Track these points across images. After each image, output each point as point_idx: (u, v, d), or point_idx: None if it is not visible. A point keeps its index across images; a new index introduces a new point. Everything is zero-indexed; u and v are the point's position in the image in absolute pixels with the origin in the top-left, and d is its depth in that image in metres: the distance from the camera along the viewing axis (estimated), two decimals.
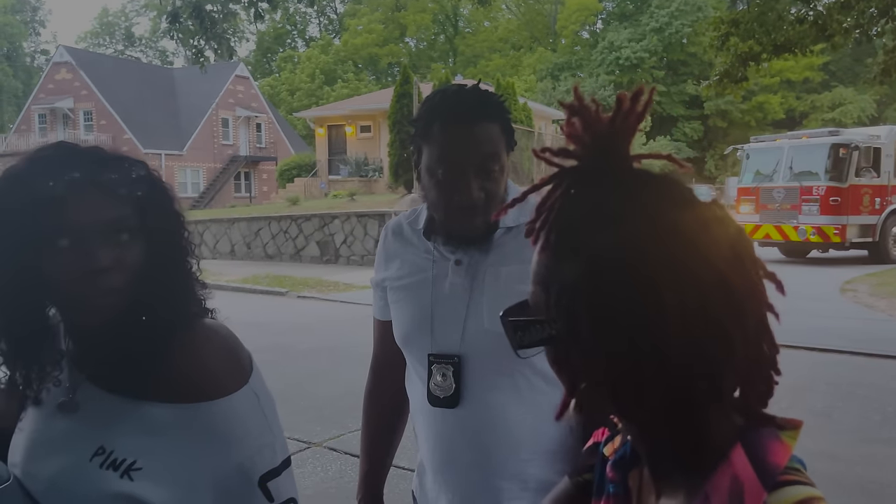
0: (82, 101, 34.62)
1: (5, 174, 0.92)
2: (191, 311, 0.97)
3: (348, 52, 50.47)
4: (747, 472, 0.58)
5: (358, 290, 11.25)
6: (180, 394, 0.92)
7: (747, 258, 0.60)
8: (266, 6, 7.65)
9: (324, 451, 4.36)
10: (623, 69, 42.27)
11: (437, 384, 1.38)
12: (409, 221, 1.50)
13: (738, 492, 0.57)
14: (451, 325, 1.37)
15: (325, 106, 32.25)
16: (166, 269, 0.95)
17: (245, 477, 0.94)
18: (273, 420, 0.99)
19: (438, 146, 1.31)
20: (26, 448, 0.96)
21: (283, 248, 16.37)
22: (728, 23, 9.01)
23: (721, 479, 0.59)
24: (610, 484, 0.73)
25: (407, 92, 17.22)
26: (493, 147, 1.31)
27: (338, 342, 7.72)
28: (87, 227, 0.88)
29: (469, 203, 1.30)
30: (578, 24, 47.65)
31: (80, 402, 0.95)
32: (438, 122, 1.31)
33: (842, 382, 6.02)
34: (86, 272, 0.88)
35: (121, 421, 0.92)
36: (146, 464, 0.90)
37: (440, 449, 1.40)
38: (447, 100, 1.34)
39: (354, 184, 21.16)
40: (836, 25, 8.26)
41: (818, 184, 14.17)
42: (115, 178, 0.91)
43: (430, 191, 1.34)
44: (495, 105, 1.34)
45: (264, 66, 57.25)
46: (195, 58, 8.23)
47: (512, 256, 1.37)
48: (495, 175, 1.32)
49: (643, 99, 0.61)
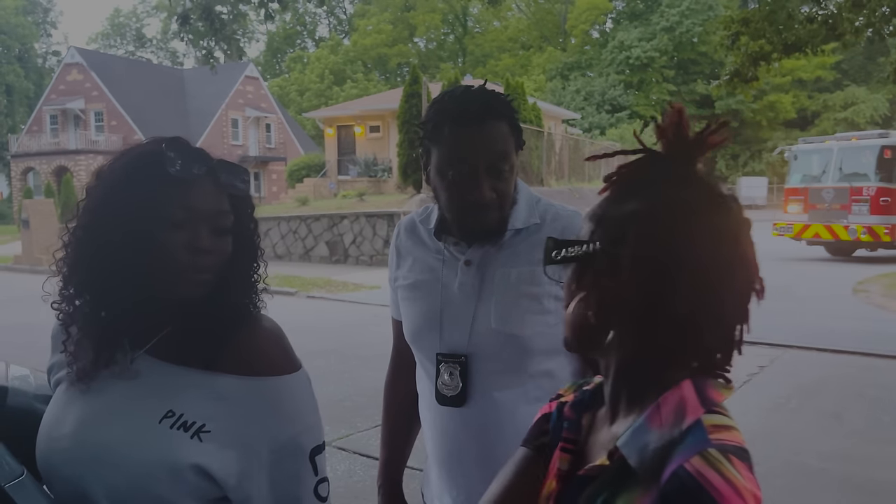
0: (93, 102, 34.85)
1: (143, 152, 1.04)
2: (256, 304, 1.10)
3: (358, 53, 50.57)
4: (691, 396, 0.75)
5: (367, 290, 11.27)
6: (246, 368, 1.02)
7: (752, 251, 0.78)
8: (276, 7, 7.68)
9: (332, 451, 4.37)
10: (633, 69, 42.16)
11: (445, 383, 1.39)
12: (421, 220, 1.51)
13: (681, 406, 0.74)
14: (460, 324, 1.39)
15: (334, 106, 32.30)
16: (244, 264, 1.09)
17: (299, 449, 1.03)
18: (317, 404, 1.10)
19: (448, 148, 1.32)
20: (80, 418, 1.01)
21: (292, 248, 16.43)
22: (738, 22, 8.96)
23: (671, 397, 0.75)
24: (565, 421, 0.88)
25: (416, 92, 17.23)
26: (503, 146, 1.33)
27: (347, 342, 7.73)
28: (200, 210, 1.01)
29: (482, 203, 1.32)
30: (588, 24, 47.51)
31: (140, 372, 1.02)
32: (447, 123, 1.32)
33: (852, 383, 5.98)
34: (192, 248, 0.99)
35: (189, 388, 1.00)
36: (214, 427, 0.98)
37: (446, 446, 1.42)
38: (455, 101, 1.35)
39: (364, 184, 21.17)
40: (847, 24, 8.20)
41: (868, 184, 14.46)
42: (226, 177, 1.04)
43: (442, 192, 1.36)
44: (502, 104, 1.35)
45: (274, 67, 57.46)
46: (205, 58, 8.27)
47: (522, 258, 1.38)
48: (506, 175, 1.33)
49: (722, 133, 0.78)
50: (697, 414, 0.73)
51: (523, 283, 1.37)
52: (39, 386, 1.15)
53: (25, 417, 1.06)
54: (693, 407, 0.74)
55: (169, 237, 0.99)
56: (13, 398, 1.10)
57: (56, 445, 1.00)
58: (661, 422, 0.73)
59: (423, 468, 1.61)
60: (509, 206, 1.38)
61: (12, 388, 1.11)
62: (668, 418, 0.73)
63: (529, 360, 1.38)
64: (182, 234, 0.99)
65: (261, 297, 1.12)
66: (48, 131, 35.59)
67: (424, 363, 1.46)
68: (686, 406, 0.74)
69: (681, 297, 0.73)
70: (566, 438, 0.87)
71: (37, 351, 1.54)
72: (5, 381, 1.12)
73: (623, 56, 42.20)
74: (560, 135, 23.70)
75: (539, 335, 1.36)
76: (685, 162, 0.78)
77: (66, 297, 1.04)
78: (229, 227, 1.05)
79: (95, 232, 1.01)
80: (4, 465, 0.95)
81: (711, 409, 0.74)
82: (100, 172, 1.05)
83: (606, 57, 43.38)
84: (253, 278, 1.10)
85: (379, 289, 11.50)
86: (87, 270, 1.01)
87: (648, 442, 0.72)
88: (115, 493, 0.96)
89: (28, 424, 1.04)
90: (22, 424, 1.05)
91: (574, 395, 0.93)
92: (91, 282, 1.01)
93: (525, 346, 1.37)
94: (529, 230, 1.41)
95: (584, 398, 0.89)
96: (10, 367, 1.16)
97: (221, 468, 0.97)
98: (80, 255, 1.02)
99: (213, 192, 1.02)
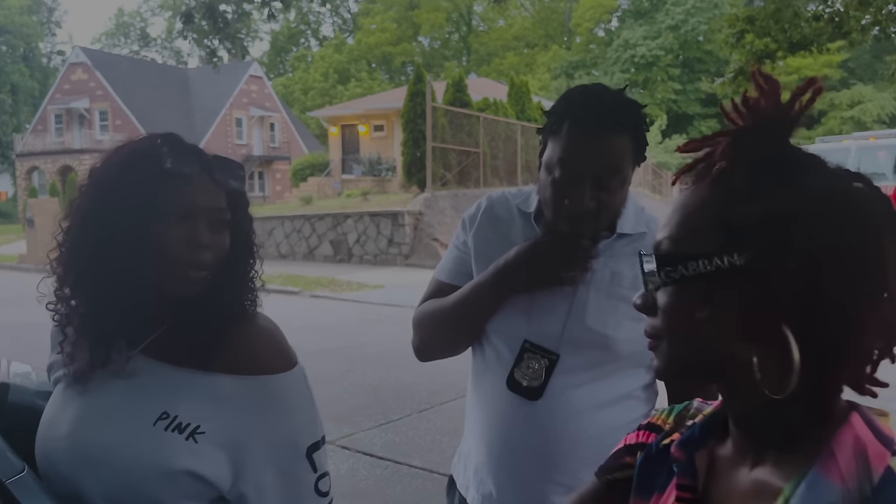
0: (98, 102, 34.93)
1: (136, 148, 1.03)
2: (252, 301, 1.09)
3: (362, 52, 50.58)
4: (868, 436, 0.61)
5: (371, 290, 11.27)
6: (240, 368, 1.01)
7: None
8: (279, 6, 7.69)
9: (335, 450, 4.37)
10: (638, 67, 42.08)
11: (525, 372, 1.34)
12: (518, 202, 1.45)
13: (862, 450, 0.61)
14: (552, 316, 1.34)
15: (338, 105, 32.32)
16: (240, 261, 1.08)
17: (295, 447, 1.02)
18: (314, 399, 1.09)
19: (562, 146, 1.27)
20: (76, 419, 1.00)
21: (296, 248, 16.44)
22: (743, 20, 8.94)
23: (845, 438, 0.61)
24: (674, 464, 0.73)
25: (420, 91, 17.21)
26: (617, 160, 1.27)
27: (350, 341, 7.74)
28: (197, 206, 1.00)
29: (579, 211, 1.27)
30: (593, 22, 47.45)
31: (136, 372, 1.01)
32: (568, 119, 1.27)
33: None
34: (189, 245, 0.99)
35: (183, 389, 1.00)
36: (209, 428, 0.98)
37: (503, 432, 1.36)
38: (585, 100, 1.30)
39: (367, 183, 21.18)
40: (853, 22, 8.17)
41: (886, 184, 14.56)
42: (223, 173, 1.04)
43: (545, 188, 1.31)
44: (631, 115, 1.29)
45: (278, 66, 57.53)
46: (209, 57, 8.28)
47: (624, 261, 1.34)
48: (613, 187, 1.28)
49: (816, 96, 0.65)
50: (885, 460, 0.60)
51: (624, 287, 1.33)
52: (41, 383, 1.15)
53: (27, 414, 1.06)
54: (876, 451, 0.61)
55: (167, 233, 0.98)
56: (14, 395, 1.10)
57: (53, 445, 1.00)
58: (843, 474, 0.59)
59: (428, 468, 1.58)
60: (608, 217, 1.33)
61: (13, 384, 1.12)
62: (849, 468, 0.60)
63: (611, 364, 1.34)
64: (180, 229, 0.99)
65: (257, 295, 1.10)
66: (53, 131, 35.69)
67: (499, 345, 1.38)
68: (867, 450, 0.61)
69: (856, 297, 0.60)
70: (682, 486, 0.71)
71: (41, 350, 1.54)
72: (7, 377, 1.12)
73: (628, 54, 42.12)
74: None
75: (629, 341, 1.31)
76: (784, 137, 0.65)
77: (62, 298, 1.04)
78: (227, 222, 1.04)
79: (90, 230, 1.00)
80: (6, 461, 0.95)
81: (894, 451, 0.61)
82: (93, 171, 1.04)
83: (611, 55, 43.31)
84: (249, 276, 1.10)
85: (383, 288, 11.51)
86: (83, 270, 1.00)
87: (834, 501, 0.59)
88: (111, 493, 0.96)
89: (29, 421, 1.04)
90: (23, 421, 1.05)
91: (675, 427, 0.78)
92: (86, 281, 1.01)
93: (614, 349, 1.32)
94: (634, 237, 1.37)
95: (694, 434, 0.74)
96: (11, 364, 1.16)
97: (216, 471, 0.97)
98: (75, 254, 1.01)
99: (210, 188, 1.02)
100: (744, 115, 0.65)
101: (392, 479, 4.07)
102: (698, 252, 0.64)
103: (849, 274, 0.60)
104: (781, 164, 0.64)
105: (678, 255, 0.65)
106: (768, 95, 0.65)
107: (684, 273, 0.64)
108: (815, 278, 0.60)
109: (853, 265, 0.60)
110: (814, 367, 0.62)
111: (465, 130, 17.39)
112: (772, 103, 0.64)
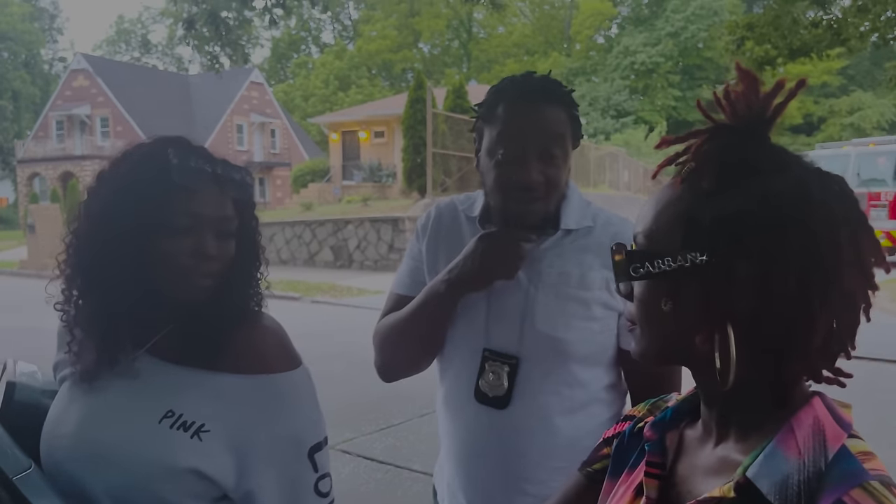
0: (99, 108, 34.99)
1: (146, 155, 1.03)
2: (257, 302, 1.11)
3: (362, 58, 50.66)
4: (828, 418, 0.65)
5: (371, 295, 11.26)
6: (245, 367, 1.02)
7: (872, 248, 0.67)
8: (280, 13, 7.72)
9: (336, 454, 4.37)
10: (638, 74, 42.14)
11: (489, 382, 1.32)
12: (464, 207, 1.44)
13: (820, 430, 0.64)
14: (508, 322, 1.32)
15: (339, 111, 32.37)
16: (246, 263, 1.09)
17: (297, 446, 1.03)
18: (317, 400, 1.10)
19: (500, 127, 1.28)
20: (81, 417, 1.01)
21: (296, 253, 16.44)
22: (743, 27, 8.97)
23: (805, 417, 0.65)
24: (646, 443, 0.77)
25: (420, 97, 17.26)
26: (556, 129, 1.28)
27: (351, 347, 7.73)
28: (205, 217, 1.01)
29: (528, 184, 1.26)
30: (593, 29, 47.55)
31: (141, 371, 1.02)
32: (503, 102, 1.29)
33: (860, 388, 5.95)
34: (196, 256, 1.00)
35: (189, 388, 1.01)
36: (213, 426, 0.99)
37: (470, 445, 1.36)
38: (513, 83, 1.32)
39: (368, 189, 21.20)
40: (851, 30, 8.20)
41: (886, 190, 14.52)
42: (229, 180, 1.04)
43: (489, 173, 1.30)
44: (562, 92, 1.32)
45: (279, 72, 57.62)
46: (210, 64, 8.31)
47: (571, 260, 1.32)
48: (557, 161, 1.28)
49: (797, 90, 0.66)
50: (840, 439, 0.64)
51: (572, 286, 1.31)
52: (46, 382, 1.16)
53: (33, 412, 1.07)
54: (834, 431, 0.64)
55: (174, 243, 0.99)
56: (21, 393, 1.11)
57: (58, 443, 1.01)
58: (800, 449, 0.63)
59: (429, 472, 1.57)
60: (556, 198, 1.32)
61: (20, 383, 1.13)
62: (806, 444, 0.63)
63: (568, 366, 1.31)
64: (187, 240, 1.00)
65: (262, 296, 1.12)
66: (54, 137, 35.73)
67: (460, 358, 1.37)
68: (825, 430, 0.64)
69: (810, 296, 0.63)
70: (651, 462, 0.75)
71: (42, 355, 1.55)
72: (13, 376, 1.13)
73: (628, 61, 42.20)
74: None
75: (583, 342, 1.30)
76: (763, 135, 0.67)
77: (69, 299, 1.05)
78: (233, 230, 1.05)
79: (98, 236, 1.01)
80: (13, 458, 0.96)
81: (851, 433, 0.65)
82: (102, 175, 1.05)
83: (611, 62, 43.39)
84: (255, 278, 1.11)
85: (383, 293, 11.47)
86: (90, 273, 1.02)
87: (788, 473, 0.62)
88: (115, 491, 0.96)
89: (35, 419, 1.05)
90: (30, 419, 1.06)
91: (648, 413, 0.83)
92: (94, 284, 1.02)
93: (566, 351, 1.30)
94: (580, 232, 1.35)
95: (666, 416, 0.78)
96: (17, 364, 1.18)
97: (220, 469, 0.98)
98: (83, 257, 1.02)
99: (217, 197, 1.03)
100: (724, 111, 0.68)
101: (393, 484, 4.07)
102: (666, 250, 0.67)
103: (802, 274, 0.63)
104: (747, 165, 0.66)
105: (647, 251, 0.69)
106: (747, 94, 0.66)
107: (650, 270, 0.68)
108: (769, 277, 0.63)
109: (807, 266, 0.62)
110: (770, 360, 0.65)
111: (466, 136, 17.40)
112: (747, 103, 0.66)
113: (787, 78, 0.67)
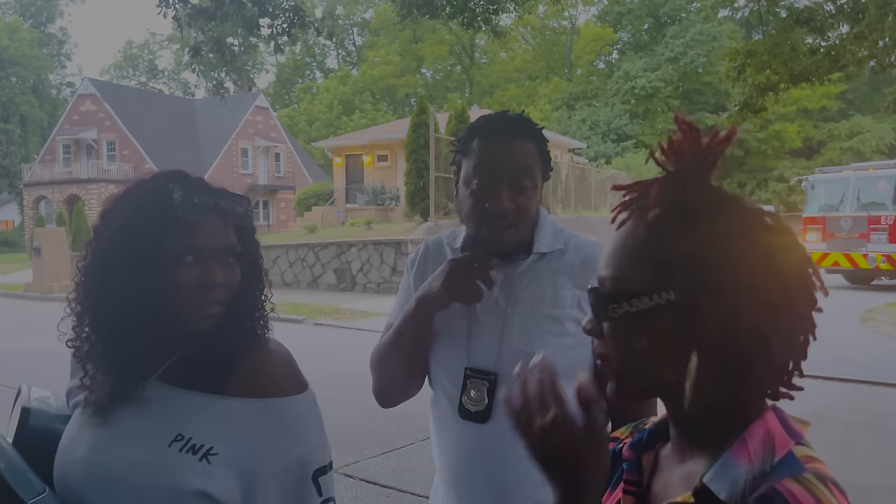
0: (106, 132, 35.28)
1: (146, 191, 1.06)
2: (263, 326, 1.14)
3: (366, 83, 51.09)
4: (778, 428, 0.72)
5: (374, 318, 11.27)
6: (253, 391, 1.05)
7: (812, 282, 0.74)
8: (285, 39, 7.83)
9: (339, 478, 4.37)
10: (638, 98, 42.42)
11: (471, 398, 1.42)
12: (448, 241, 1.57)
13: (770, 439, 0.71)
14: (488, 341, 1.43)
15: (342, 136, 32.55)
16: (251, 287, 1.12)
17: (302, 469, 1.05)
18: (323, 424, 1.12)
19: (476, 157, 1.41)
20: (93, 442, 1.04)
21: (300, 276, 16.48)
22: (744, 54, 9.08)
23: (756, 429, 0.72)
24: (624, 462, 0.84)
25: (423, 122, 17.41)
26: (527, 161, 1.41)
27: (354, 369, 7.70)
28: (210, 248, 1.04)
29: (500, 212, 1.38)
30: (594, 55, 47.93)
31: (151, 397, 1.05)
32: (477, 137, 1.42)
33: (860, 412, 5.94)
34: (204, 285, 1.03)
35: (198, 412, 1.03)
36: (221, 449, 1.01)
37: (459, 462, 1.44)
38: (488, 120, 1.45)
39: (371, 212, 21.29)
40: (849, 56, 8.29)
41: (886, 213, 14.54)
42: (230, 210, 1.07)
43: (465, 202, 1.43)
44: (533, 130, 1.46)
45: (283, 97, 58.11)
46: (216, 89, 8.42)
47: (545, 280, 1.43)
48: (527, 191, 1.40)
49: (731, 137, 0.74)
50: (788, 446, 0.71)
51: (546, 305, 1.42)
52: (60, 407, 1.19)
53: (47, 437, 1.10)
54: (782, 439, 0.71)
55: (181, 276, 1.02)
56: (35, 419, 1.13)
57: (71, 468, 1.03)
58: (750, 456, 0.70)
59: (426, 495, 1.62)
60: (526, 225, 1.43)
61: (34, 409, 1.15)
62: (756, 451, 0.70)
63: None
64: (194, 272, 1.02)
65: (268, 320, 1.15)
66: (61, 160, 35.98)
67: (446, 378, 1.46)
68: (774, 438, 0.71)
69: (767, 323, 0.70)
70: (628, 480, 0.82)
71: (47, 378, 1.58)
72: (28, 402, 1.16)
73: (628, 86, 42.49)
74: (566, 163, 23.82)
75: (557, 356, 1.34)
76: (705, 178, 0.74)
77: (80, 335, 1.08)
78: (236, 257, 1.08)
79: (105, 275, 1.04)
80: (27, 483, 0.99)
81: (800, 442, 0.72)
82: (105, 214, 1.07)
83: (612, 87, 43.68)
84: (260, 301, 1.14)
85: (386, 316, 11.47)
86: (100, 310, 1.05)
87: (738, 476, 0.69)
88: None
89: (49, 444, 1.08)
90: (43, 444, 1.08)
91: (629, 435, 0.89)
92: (104, 320, 1.05)
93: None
94: (553, 255, 1.46)
95: (643, 437, 0.85)
96: (31, 389, 1.21)
97: (226, 491, 1.00)
98: (92, 295, 1.05)
99: (220, 226, 1.05)
100: (671, 160, 0.74)
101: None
102: (637, 290, 0.73)
103: (756, 305, 0.70)
104: (698, 208, 0.73)
105: (620, 293, 0.74)
106: (689, 143, 0.73)
107: (628, 309, 0.73)
108: (727, 310, 0.70)
109: (759, 297, 0.70)
110: (730, 381, 0.73)
111: None
112: (691, 151, 0.73)
113: (718, 128, 0.74)
